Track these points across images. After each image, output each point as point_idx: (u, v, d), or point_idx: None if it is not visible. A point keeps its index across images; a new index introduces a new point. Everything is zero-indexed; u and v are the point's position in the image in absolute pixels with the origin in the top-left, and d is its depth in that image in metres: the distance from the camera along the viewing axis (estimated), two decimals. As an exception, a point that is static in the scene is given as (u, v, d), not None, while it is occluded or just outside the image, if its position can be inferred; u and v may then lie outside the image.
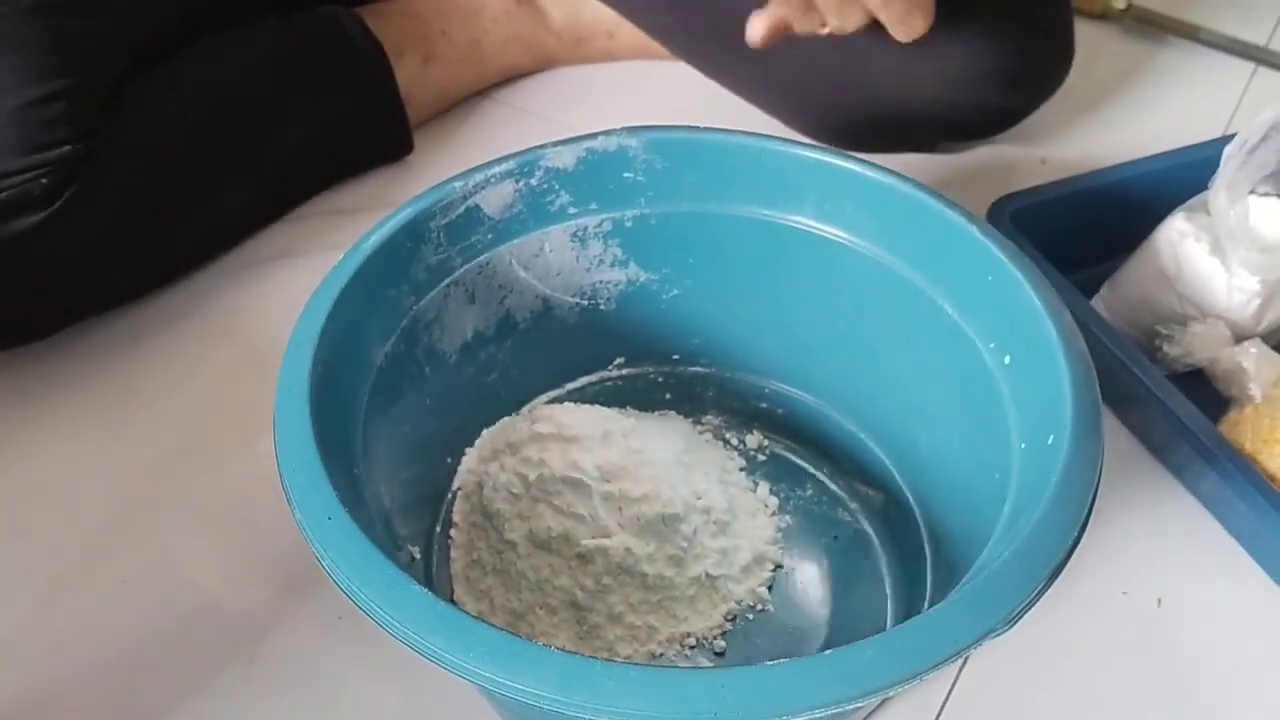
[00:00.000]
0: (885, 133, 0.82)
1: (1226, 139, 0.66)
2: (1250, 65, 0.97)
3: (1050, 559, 0.41)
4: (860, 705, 0.39)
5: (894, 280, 0.57)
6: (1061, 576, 0.41)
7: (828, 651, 0.38)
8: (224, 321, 0.74)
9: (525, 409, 0.63)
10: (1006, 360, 0.51)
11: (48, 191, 0.64)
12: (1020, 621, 0.40)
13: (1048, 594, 0.41)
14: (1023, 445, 0.48)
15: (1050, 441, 0.46)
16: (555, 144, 0.57)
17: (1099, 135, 0.90)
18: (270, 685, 0.56)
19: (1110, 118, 0.92)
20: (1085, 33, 0.90)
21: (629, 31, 0.90)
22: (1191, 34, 0.98)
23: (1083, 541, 0.42)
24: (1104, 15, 1.00)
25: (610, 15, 0.90)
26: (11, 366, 0.70)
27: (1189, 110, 0.92)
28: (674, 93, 0.90)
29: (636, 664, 0.51)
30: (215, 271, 0.76)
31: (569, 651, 0.38)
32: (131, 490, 0.64)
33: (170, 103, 0.72)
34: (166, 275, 0.75)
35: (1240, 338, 0.66)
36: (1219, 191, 0.64)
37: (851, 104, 0.80)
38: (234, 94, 0.74)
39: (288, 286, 0.75)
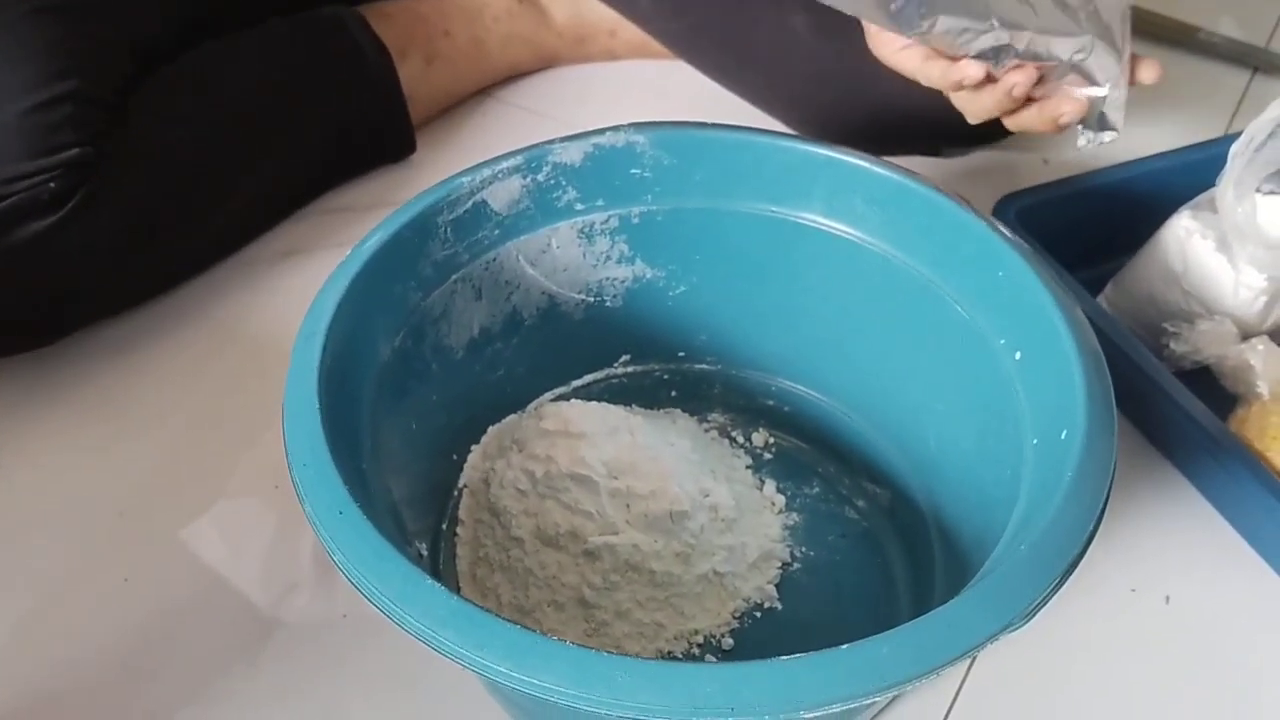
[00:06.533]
0: (889, 137, 0.82)
1: (1231, 137, 0.66)
2: (1250, 67, 0.97)
3: (1067, 553, 0.41)
4: (874, 700, 0.39)
5: (903, 277, 0.57)
6: (1068, 574, 0.41)
7: (844, 646, 0.38)
8: (230, 320, 0.73)
9: (531, 406, 0.63)
10: (1017, 356, 0.51)
11: (56, 196, 0.64)
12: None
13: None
14: (1035, 441, 0.48)
15: (1063, 436, 0.46)
16: (563, 140, 0.57)
17: (1099, 136, 0.89)
18: (274, 687, 0.56)
19: (1111, 119, 0.92)
20: (1086, 33, 0.90)
21: (630, 30, 0.90)
22: (1190, 35, 0.98)
23: (1091, 538, 0.42)
24: (1104, 16, 1.00)
25: (612, 14, 0.90)
26: (17, 369, 0.69)
27: (1188, 112, 0.92)
28: (676, 91, 0.89)
29: (651, 659, 0.51)
30: (221, 271, 0.76)
31: (583, 646, 0.38)
32: (135, 491, 0.64)
33: (176, 107, 0.72)
34: (174, 278, 0.74)
35: (1247, 335, 0.66)
36: (1226, 188, 0.64)
37: (857, 110, 0.80)
38: (239, 97, 0.74)
39: (293, 285, 0.74)
